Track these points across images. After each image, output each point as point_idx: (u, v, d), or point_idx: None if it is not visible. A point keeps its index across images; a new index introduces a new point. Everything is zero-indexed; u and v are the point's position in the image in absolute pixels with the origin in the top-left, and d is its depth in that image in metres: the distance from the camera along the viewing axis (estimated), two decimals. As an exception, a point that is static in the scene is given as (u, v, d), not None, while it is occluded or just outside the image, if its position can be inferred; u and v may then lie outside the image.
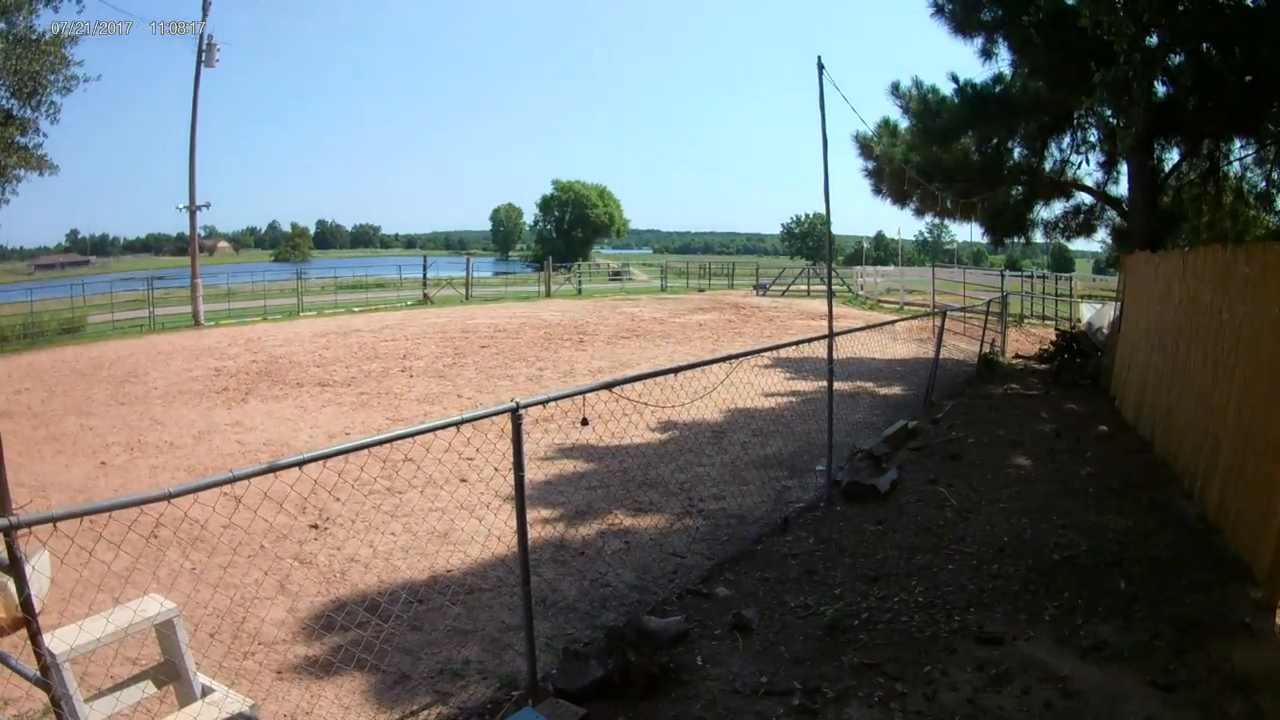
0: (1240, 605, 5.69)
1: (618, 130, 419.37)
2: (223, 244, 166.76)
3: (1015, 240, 19.99)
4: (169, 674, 4.15)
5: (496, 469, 8.29)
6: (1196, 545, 6.94)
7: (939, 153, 18.39)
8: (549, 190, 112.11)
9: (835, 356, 8.69)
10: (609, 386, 5.73)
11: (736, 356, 7.48)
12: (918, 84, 18.29)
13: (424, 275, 37.39)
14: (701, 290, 47.14)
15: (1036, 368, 17.37)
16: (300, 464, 3.63)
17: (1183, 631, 5.32)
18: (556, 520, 7.91)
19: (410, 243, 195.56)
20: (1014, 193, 18.86)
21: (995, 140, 18.35)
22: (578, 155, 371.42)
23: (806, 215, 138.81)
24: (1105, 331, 16.56)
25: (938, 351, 13.40)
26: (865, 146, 19.62)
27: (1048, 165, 18.52)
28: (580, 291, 43.88)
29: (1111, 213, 18.74)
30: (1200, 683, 4.73)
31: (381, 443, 4.01)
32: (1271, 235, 16.39)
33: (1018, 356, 18.90)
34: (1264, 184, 16.83)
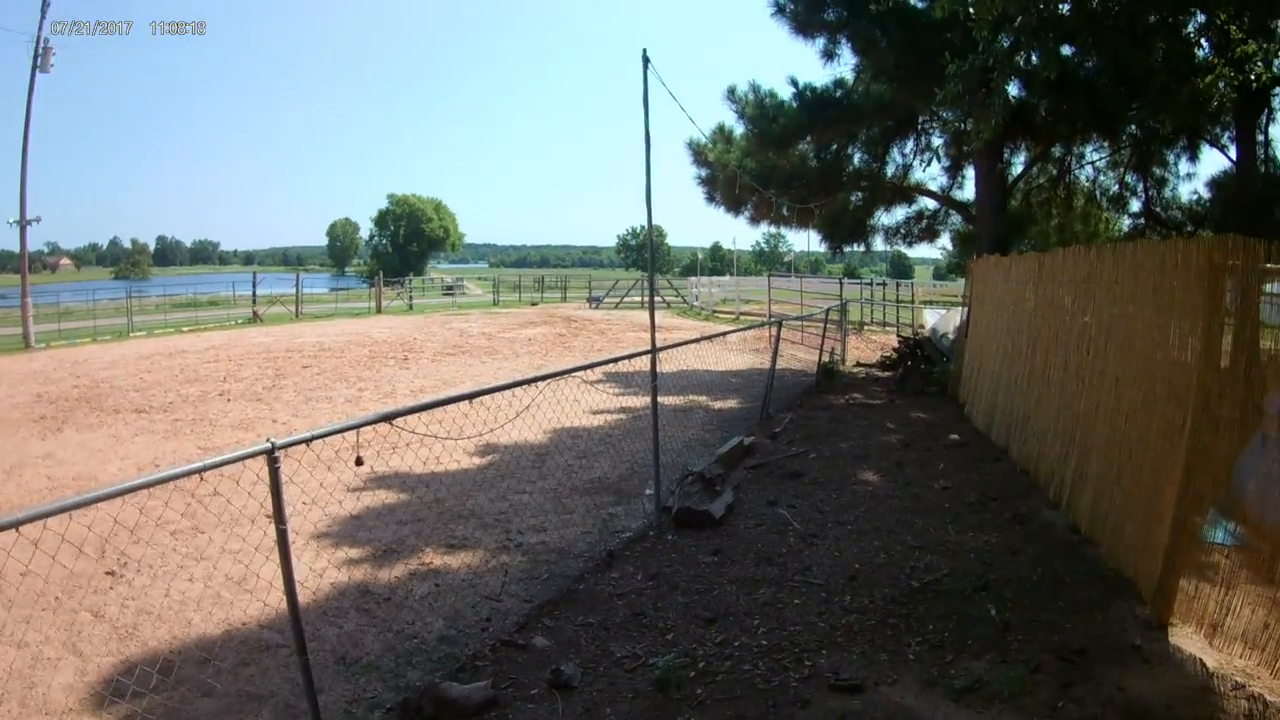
0: (1127, 625, 5.31)
1: (453, 144, 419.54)
2: (65, 261, 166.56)
3: (855, 247, 20.09)
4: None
5: (307, 503, 7.82)
6: (1070, 560, 6.61)
7: (775, 158, 18.27)
8: (385, 205, 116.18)
9: (665, 370, 8.09)
10: (388, 419, 5.01)
11: (547, 377, 6.85)
12: (755, 88, 18.08)
13: (254, 293, 36.60)
14: (534, 304, 47.21)
15: (879, 375, 17.36)
16: (15, 525, 3.10)
17: (1067, 661, 4.85)
18: (363, 561, 7.16)
19: (249, 259, 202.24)
20: (853, 198, 18.98)
21: (835, 146, 18.39)
22: (414, 170, 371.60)
23: (642, 227, 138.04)
24: (951, 337, 16.66)
25: (774, 362, 12.99)
26: (699, 153, 19.35)
27: (889, 171, 18.74)
28: (411, 307, 42.84)
29: (956, 218, 19.10)
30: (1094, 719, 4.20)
31: (101, 500, 3.46)
32: (1127, 238, 16.96)
33: (859, 364, 18.94)
34: (1117, 187, 17.45)
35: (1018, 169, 17.34)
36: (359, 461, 4.90)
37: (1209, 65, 12.92)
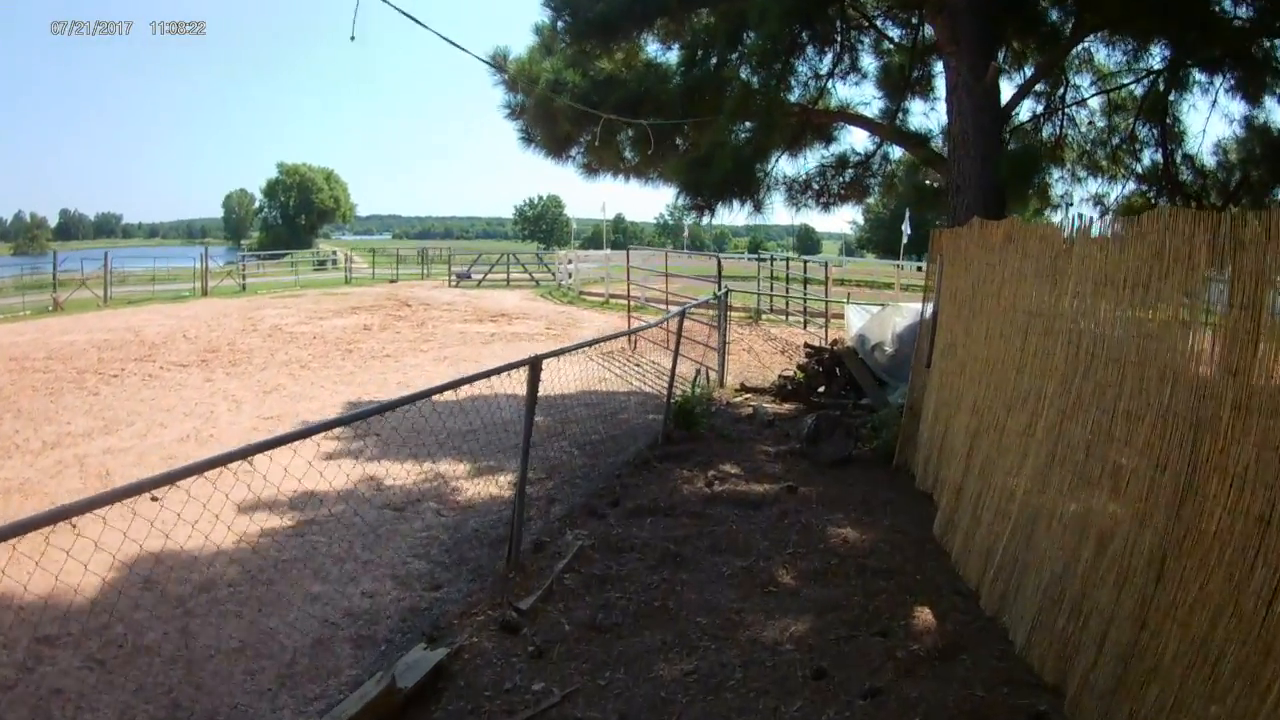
0: None
1: (358, 112, 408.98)
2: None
3: (736, 206, 12.46)
4: None
5: None
6: None
7: (603, 61, 11.80)
8: (276, 174, 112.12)
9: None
10: None
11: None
12: (577, -53, 11.17)
13: (54, 276, 30.44)
14: (393, 281, 41.23)
15: (775, 411, 10.98)
16: None
17: None
18: None
19: (153, 232, 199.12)
20: (737, 131, 11.88)
21: (713, 57, 11.68)
22: (316, 138, 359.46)
23: (540, 197, 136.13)
24: (889, 350, 10.57)
25: (524, 467, 6.02)
26: (501, 68, 12.33)
27: (796, 94, 11.97)
28: (244, 288, 36.27)
29: (898, 162, 12.56)
30: None
31: None
32: (1127, 210, 11.51)
33: (745, 389, 12.37)
34: (1120, 139, 11.69)
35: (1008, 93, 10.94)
36: None
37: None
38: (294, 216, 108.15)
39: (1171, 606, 3.44)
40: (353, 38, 6.23)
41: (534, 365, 5.57)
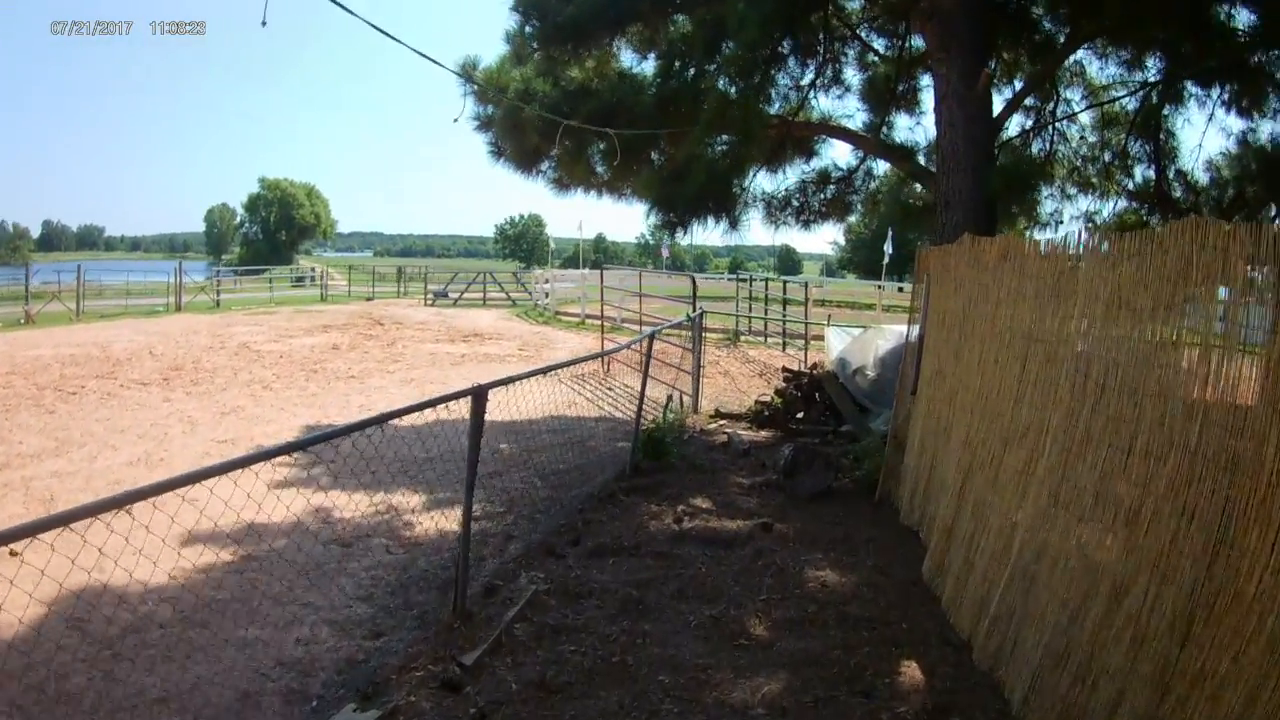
0: None
1: (341, 129, 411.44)
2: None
3: (712, 224, 11.98)
4: None
5: None
6: None
7: (574, 70, 11.42)
8: (257, 189, 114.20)
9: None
10: None
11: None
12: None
13: (26, 288, 29.42)
14: (369, 299, 40.34)
15: (751, 439, 10.50)
16: None
17: None
18: None
19: (136, 245, 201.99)
20: (714, 144, 11.42)
21: (690, 68, 11.23)
22: (299, 154, 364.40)
23: (520, 216, 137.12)
24: (870, 374, 10.15)
25: (470, 493, 5.42)
26: (470, 78, 11.85)
27: (775, 106, 11.54)
28: (219, 304, 35.39)
29: (882, 176, 12.15)
30: None
31: None
32: (1121, 225, 11.12)
33: (719, 415, 11.90)
34: (1111, 155, 11.27)
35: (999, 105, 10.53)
36: None
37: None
38: (275, 232, 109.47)
39: (1199, 675, 3.02)
40: (264, 23, 5.98)
41: (478, 396, 5.01)
